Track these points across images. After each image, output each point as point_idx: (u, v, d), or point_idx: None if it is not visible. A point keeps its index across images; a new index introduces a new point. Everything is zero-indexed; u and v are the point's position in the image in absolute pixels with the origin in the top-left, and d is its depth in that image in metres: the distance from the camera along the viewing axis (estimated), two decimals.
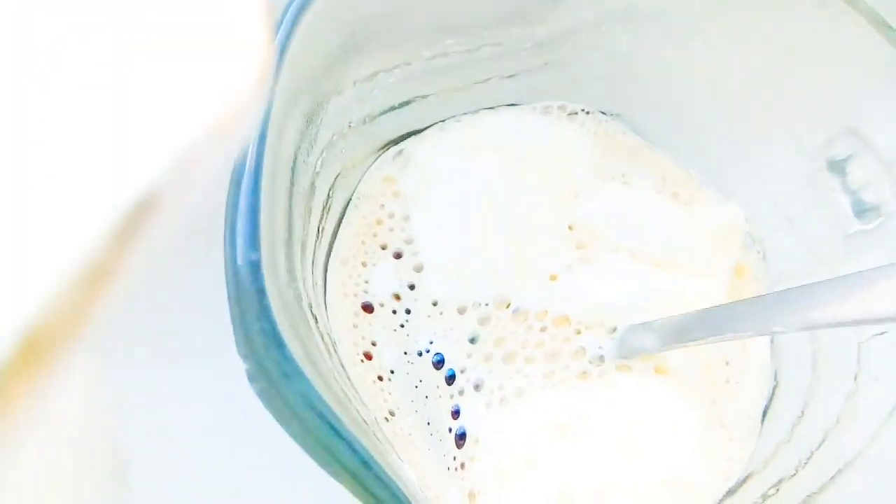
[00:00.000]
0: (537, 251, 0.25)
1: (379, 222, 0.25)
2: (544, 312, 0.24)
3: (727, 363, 0.25)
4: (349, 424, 0.14)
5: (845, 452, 0.19)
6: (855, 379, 0.21)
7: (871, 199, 0.22)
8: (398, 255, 0.25)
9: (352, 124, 0.23)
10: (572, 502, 0.22)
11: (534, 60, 0.25)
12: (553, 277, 0.25)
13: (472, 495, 0.22)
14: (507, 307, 0.24)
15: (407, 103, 0.24)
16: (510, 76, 0.25)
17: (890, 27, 0.20)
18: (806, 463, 0.20)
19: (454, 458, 0.23)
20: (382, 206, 0.25)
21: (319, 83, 0.20)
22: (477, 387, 0.23)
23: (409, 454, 0.22)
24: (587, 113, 0.27)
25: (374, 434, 0.18)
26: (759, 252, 0.26)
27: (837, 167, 0.22)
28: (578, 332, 0.24)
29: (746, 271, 0.26)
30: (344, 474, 0.13)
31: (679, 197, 0.27)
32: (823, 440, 0.20)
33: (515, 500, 0.22)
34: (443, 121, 0.26)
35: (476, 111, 0.26)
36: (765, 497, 0.21)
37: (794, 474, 0.20)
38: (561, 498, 0.22)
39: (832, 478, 0.19)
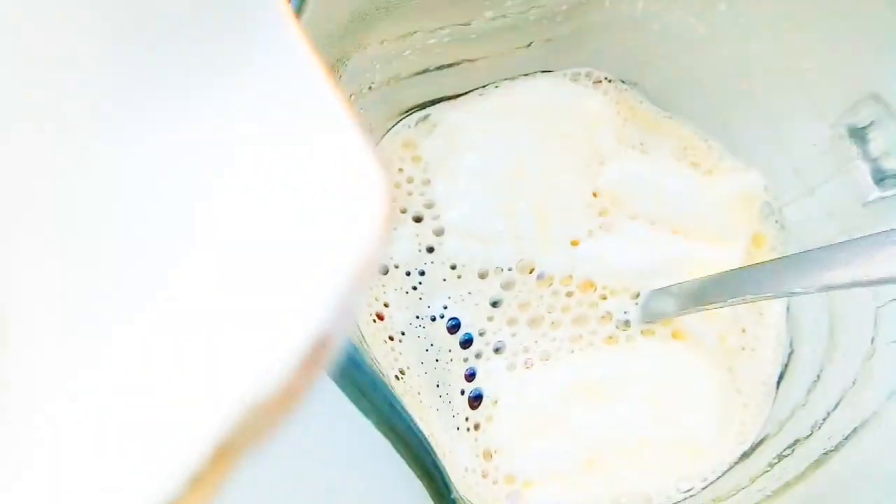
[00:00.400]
0: (561, 217, 0.25)
1: (397, 186, 0.25)
2: (569, 278, 0.24)
3: (743, 331, 0.25)
4: (373, 369, 0.15)
5: (862, 412, 0.19)
6: (872, 342, 0.21)
7: (892, 167, 0.22)
8: (418, 219, 0.25)
9: (373, 86, 0.23)
10: (599, 463, 0.22)
11: (567, 25, 0.25)
12: (574, 243, 0.25)
13: (487, 454, 0.23)
14: (531, 272, 0.24)
15: (449, 66, 0.24)
16: (548, 40, 0.25)
17: None
18: (821, 424, 0.20)
19: (466, 419, 0.23)
20: (401, 170, 0.26)
21: (340, 40, 0.20)
22: (497, 350, 0.24)
23: (418, 413, 0.23)
24: (610, 81, 0.27)
25: (390, 385, 0.19)
26: (777, 221, 0.26)
27: (859, 134, 0.22)
28: (604, 298, 0.24)
29: (764, 241, 0.26)
30: (372, 412, 0.14)
31: (698, 166, 0.27)
32: (839, 401, 0.20)
33: (539, 459, 0.22)
34: (483, 86, 0.26)
35: (514, 77, 0.26)
36: (780, 457, 0.21)
37: (810, 434, 0.21)
38: (588, 459, 0.22)
39: (847, 437, 0.19)
